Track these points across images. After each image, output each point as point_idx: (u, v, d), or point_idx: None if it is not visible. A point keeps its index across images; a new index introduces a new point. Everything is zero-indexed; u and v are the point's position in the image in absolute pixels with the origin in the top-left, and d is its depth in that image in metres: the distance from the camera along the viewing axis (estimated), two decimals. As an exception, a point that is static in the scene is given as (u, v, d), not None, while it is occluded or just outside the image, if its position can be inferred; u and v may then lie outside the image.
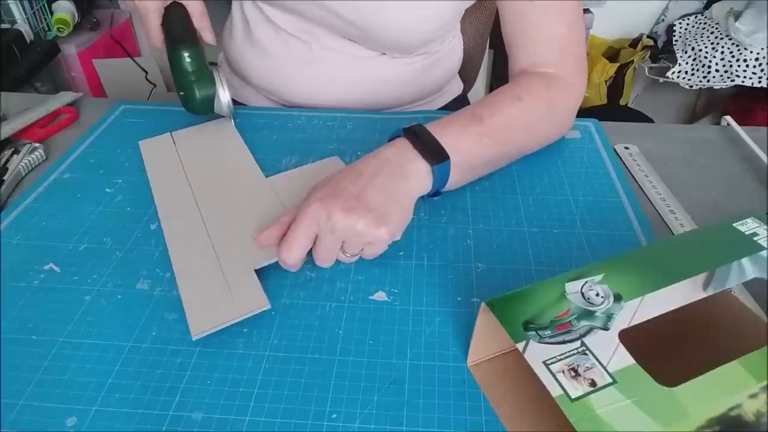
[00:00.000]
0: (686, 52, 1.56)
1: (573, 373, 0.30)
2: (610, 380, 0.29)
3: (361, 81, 0.70)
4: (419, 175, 0.47)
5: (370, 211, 0.42)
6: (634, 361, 0.30)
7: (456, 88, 0.83)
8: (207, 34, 0.59)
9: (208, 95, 0.59)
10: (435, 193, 0.50)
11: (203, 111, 0.61)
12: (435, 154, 0.47)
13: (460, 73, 0.83)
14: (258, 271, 0.45)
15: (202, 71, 0.58)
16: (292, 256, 0.43)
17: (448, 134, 0.48)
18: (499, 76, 1.53)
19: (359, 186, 0.44)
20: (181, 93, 0.59)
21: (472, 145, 0.50)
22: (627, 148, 0.61)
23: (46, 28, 1.60)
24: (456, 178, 0.50)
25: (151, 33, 0.57)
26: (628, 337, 0.31)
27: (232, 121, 0.65)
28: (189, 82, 0.58)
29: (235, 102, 0.76)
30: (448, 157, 0.47)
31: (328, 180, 0.45)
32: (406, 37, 0.65)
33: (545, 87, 0.55)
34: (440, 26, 0.66)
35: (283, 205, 0.52)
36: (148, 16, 0.55)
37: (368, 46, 0.68)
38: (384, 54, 0.68)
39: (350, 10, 0.63)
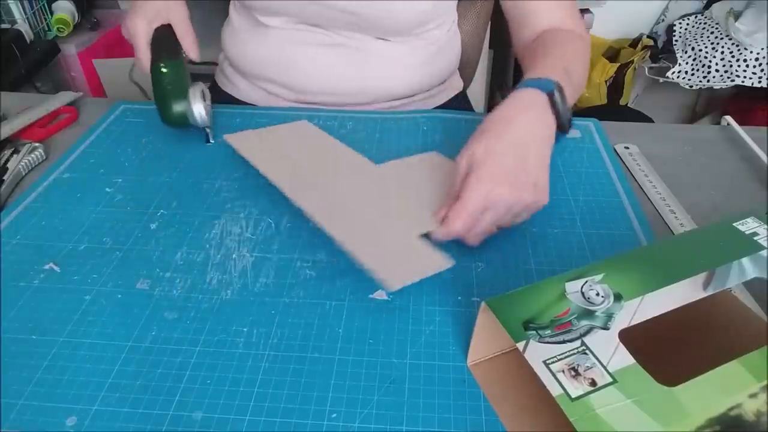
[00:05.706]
0: (686, 52, 1.56)
1: (573, 373, 0.30)
2: (610, 380, 0.29)
3: (369, 67, 0.71)
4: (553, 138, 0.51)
5: (536, 186, 0.46)
6: (634, 361, 0.30)
7: (457, 84, 0.85)
8: (191, 51, 0.62)
9: (181, 109, 0.59)
10: None
11: (176, 123, 0.60)
12: (564, 123, 0.52)
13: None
14: None
15: (178, 84, 0.59)
16: (474, 232, 0.45)
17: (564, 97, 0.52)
18: (499, 76, 1.53)
19: (520, 158, 0.46)
20: (158, 105, 0.60)
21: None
22: (627, 147, 0.61)
23: (46, 28, 1.59)
24: None
25: (139, 53, 0.60)
26: (628, 336, 0.31)
27: (208, 131, 0.62)
28: (164, 94, 0.59)
29: (240, 102, 0.77)
30: (569, 129, 0.53)
31: (490, 154, 0.46)
32: (398, 18, 0.67)
33: (580, 38, 0.63)
34: (431, 7, 0.68)
35: (417, 187, 0.53)
36: (137, 36, 0.59)
37: (366, 32, 0.69)
38: (380, 39, 0.70)
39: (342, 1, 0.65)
